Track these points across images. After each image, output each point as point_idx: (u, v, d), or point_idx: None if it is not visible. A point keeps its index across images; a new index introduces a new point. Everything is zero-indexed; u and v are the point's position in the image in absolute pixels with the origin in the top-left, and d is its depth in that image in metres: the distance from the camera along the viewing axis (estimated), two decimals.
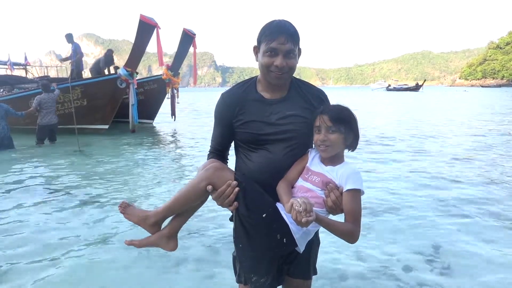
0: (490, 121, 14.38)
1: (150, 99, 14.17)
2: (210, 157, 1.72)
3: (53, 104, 9.43)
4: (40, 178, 5.91)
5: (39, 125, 9.28)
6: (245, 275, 1.60)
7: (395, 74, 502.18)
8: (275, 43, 1.47)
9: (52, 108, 9.39)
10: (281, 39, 1.47)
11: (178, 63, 13.10)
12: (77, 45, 12.05)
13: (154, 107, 14.72)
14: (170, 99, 13.90)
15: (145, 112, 14.39)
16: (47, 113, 9.28)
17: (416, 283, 2.74)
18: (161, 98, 14.41)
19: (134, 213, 1.63)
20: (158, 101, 14.59)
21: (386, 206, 4.45)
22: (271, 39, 1.48)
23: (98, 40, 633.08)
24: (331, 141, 1.46)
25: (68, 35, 11.80)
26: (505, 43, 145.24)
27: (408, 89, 79.81)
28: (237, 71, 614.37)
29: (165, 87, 13.54)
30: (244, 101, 1.61)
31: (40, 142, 9.30)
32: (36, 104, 9.13)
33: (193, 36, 12.14)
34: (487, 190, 5.13)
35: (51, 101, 9.37)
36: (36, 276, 2.84)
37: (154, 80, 14.26)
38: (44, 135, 9.38)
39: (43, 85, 9.62)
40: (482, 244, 3.42)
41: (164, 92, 13.84)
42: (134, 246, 1.65)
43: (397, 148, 8.63)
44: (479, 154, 7.76)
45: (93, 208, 4.44)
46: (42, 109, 9.21)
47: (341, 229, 1.40)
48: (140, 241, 1.66)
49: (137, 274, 2.88)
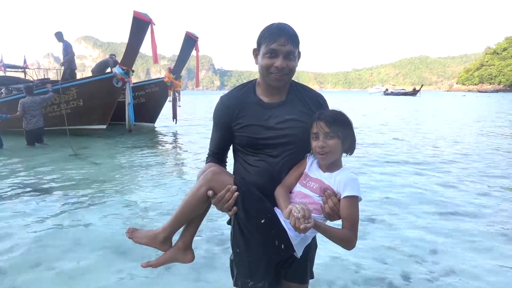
0: (496, 127, 14.43)
1: (151, 101, 14.14)
2: (209, 160, 1.72)
3: (37, 107, 9.32)
4: (31, 180, 5.88)
5: (25, 130, 9.21)
6: (242, 280, 1.59)
7: (393, 79, 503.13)
8: (275, 44, 1.47)
9: (36, 111, 9.28)
10: (281, 40, 1.47)
11: (180, 66, 13.09)
12: (68, 44, 11.95)
13: (156, 110, 14.67)
14: (171, 102, 13.87)
15: (146, 115, 14.39)
16: (32, 117, 9.17)
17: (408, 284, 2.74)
18: (162, 101, 14.38)
19: (142, 235, 1.63)
20: (160, 104, 14.55)
21: (382, 211, 4.45)
22: (271, 40, 1.48)
23: (96, 42, 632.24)
24: (330, 147, 1.46)
25: (57, 33, 11.75)
26: (502, 48, 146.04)
27: (405, 94, 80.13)
28: (235, 74, 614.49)
29: (167, 90, 13.54)
30: (243, 104, 1.61)
31: (30, 144, 9.25)
32: (21, 109, 9.03)
33: (196, 39, 12.15)
34: (483, 195, 5.14)
35: (35, 104, 9.27)
36: (28, 279, 2.82)
37: (156, 83, 14.26)
38: (32, 140, 9.30)
39: (26, 87, 9.53)
40: (477, 250, 3.43)
41: (166, 95, 13.83)
42: (152, 267, 1.63)
43: (393, 152, 8.64)
44: (475, 160, 7.78)
45: (88, 211, 4.42)
46: (26, 114, 9.10)
47: (339, 235, 1.40)
48: (157, 260, 1.64)
49: (131, 278, 2.86)
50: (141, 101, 14.07)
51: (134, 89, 14.07)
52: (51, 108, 10.85)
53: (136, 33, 10.21)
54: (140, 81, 16.75)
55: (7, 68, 16.52)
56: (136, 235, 1.63)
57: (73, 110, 10.93)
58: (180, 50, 12.49)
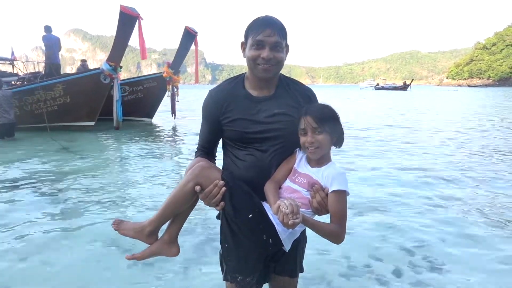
0: (482, 119, 14.61)
1: (149, 97, 13.94)
2: (198, 154, 1.71)
3: (7, 102, 9.17)
4: (19, 174, 5.81)
5: None
6: (230, 275, 1.59)
7: (384, 73, 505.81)
8: (261, 35, 1.47)
9: (6, 105, 9.12)
10: (267, 31, 1.46)
11: (179, 61, 12.93)
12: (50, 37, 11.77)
13: (153, 105, 14.48)
14: (170, 97, 13.74)
15: (143, 110, 14.20)
16: (4, 111, 9.05)
17: (401, 281, 2.77)
18: (160, 96, 14.20)
19: (129, 227, 1.62)
20: (157, 99, 14.37)
21: (371, 205, 4.49)
22: (257, 31, 1.47)
23: (86, 36, 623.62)
24: (319, 142, 1.45)
25: (46, 26, 11.62)
26: (491, 43, 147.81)
27: (396, 88, 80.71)
28: (227, 68, 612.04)
29: (165, 85, 13.37)
30: (232, 98, 1.60)
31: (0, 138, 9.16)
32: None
33: (195, 34, 12.02)
34: (474, 188, 5.21)
35: (4, 98, 9.12)
36: (15, 271, 2.79)
37: (154, 78, 14.03)
38: (2, 134, 9.17)
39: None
40: (467, 242, 3.47)
41: (164, 90, 13.65)
42: (136, 260, 1.63)
43: (383, 144, 8.70)
44: (468, 153, 7.87)
45: (78, 206, 4.38)
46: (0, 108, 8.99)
47: (327, 230, 1.40)
48: (142, 253, 1.64)
49: (121, 273, 2.84)
50: (138, 96, 13.86)
51: (131, 84, 13.93)
52: (37, 105, 10.66)
53: (123, 28, 9.98)
54: (138, 76, 16.51)
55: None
56: (122, 227, 1.61)
57: (60, 107, 10.75)
58: (179, 45, 12.32)
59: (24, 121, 10.51)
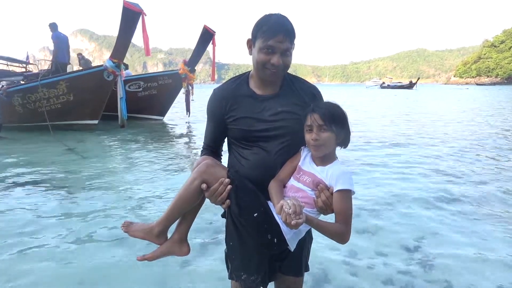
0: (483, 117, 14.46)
1: (163, 94, 13.61)
2: (203, 153, 1.71)
3: None
4: (28, 172, 5.86)
5: None
6: (235, 273, 1.60)
7: (391, 72, 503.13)
8: (272, 41, 1.44)
9: None
10: (279, 37, 1.44)
11: (196, 59, 12.73)
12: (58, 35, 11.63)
13: (167, 103, 14.21)
14: (185, 95, 13.60)
15: (155, 108, 13.92)
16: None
17: (408, 280, 2.75)
18: (175, 94, 13.96)
19: (138, 228, 1.63)
20: (171, 97, 14.09)
21: (375, 202, 4.45)
22: (268, 36, 1.44)
23: (92, 36, 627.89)
24: (324, 140, 1.44)
25: (51, 24, 11.51)
26: (500, 41, 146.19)
27: (401, 87, 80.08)
28: (232, 67, 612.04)
29: (180, 84, 13.18)
30: (236, 96, 1.59)
31: None
32: None
33: (213, 33, 11.98)
34: (475, 185, 5.16)
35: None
36: (24, 270, 2.82)
37: (169, 75, 13.66)
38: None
39: None
40: (467, 239, 3.44)
41: (179, 87, 13.47)
42: (148, 260, 1.63)
43: (385, 143, 8.65)
44: (472, 150, 7.80)
45: (84, 205, 4.41)
46: None
47: (331, 230, 1.39)
48: (152, 253, 1.65)
49: (124, 270, 2.85)
50: (152, 92, 13.48)
51: (146, 79, 13.57)
52: (40, 103, 10.55)
53: (127, 24, 9.76)
54: (153, 72, 16.25)
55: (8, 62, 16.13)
56: (131, 229, 1.63)
57: (64, 105, 10.62)
58: (196, 43, 12.16)
59: (28, 120, 10.47)
